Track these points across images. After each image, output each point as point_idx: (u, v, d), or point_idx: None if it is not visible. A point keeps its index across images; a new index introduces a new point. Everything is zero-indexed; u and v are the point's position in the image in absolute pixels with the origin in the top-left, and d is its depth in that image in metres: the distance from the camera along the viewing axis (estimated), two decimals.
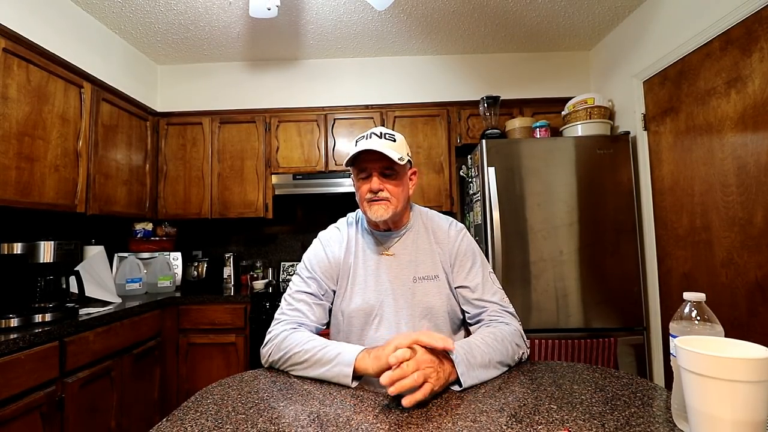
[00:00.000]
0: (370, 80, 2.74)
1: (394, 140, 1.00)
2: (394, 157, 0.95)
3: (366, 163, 1.00)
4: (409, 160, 1.03)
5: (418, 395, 0.69)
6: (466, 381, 0.78)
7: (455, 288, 1.05)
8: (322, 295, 1.05)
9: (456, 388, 0.78)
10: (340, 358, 0.82)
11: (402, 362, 0.72)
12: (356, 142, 1.02)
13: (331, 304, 1.08)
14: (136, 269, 2.41)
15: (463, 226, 1.13)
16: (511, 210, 2.11)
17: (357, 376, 0.81)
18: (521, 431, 0.62)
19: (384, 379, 0.70)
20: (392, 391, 0.69)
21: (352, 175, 1.08)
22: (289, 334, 0.93)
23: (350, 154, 1.00)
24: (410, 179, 1.07)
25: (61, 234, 2.19)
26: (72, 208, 1.97)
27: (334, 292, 1.07)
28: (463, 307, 1.05)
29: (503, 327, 0.95)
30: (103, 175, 2.19)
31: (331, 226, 1.15)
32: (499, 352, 0.87)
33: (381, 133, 1.00)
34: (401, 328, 1.00)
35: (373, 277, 1.04)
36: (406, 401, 0.69)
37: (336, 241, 1.09)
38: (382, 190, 0.99)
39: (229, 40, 2.48)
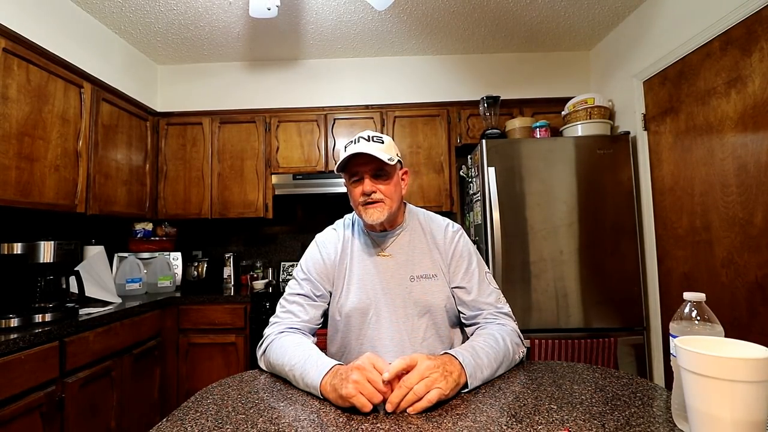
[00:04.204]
0: (370, 80, 2.74)
1: (382, 142, 1.00)
2: (384, 158, 0.96)
3: (357, 167, 1.01)
4: (399, 160, 1.04)
5: (423, 403, 0.69)
6: (473, 383, 0.78)
7: (452, 288, 1.05)
8: (317, 296, 1.05)
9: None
10: (308, 380, 0.79)
11: (400, 375, 0.72)
12: (345, 147, 1.02)
13: (328, 305, 1.08)
14: (136, 269, 2.41)
15: (460, 226, 1.13)
16: (511, 210, 2.11)
17: None
18: (521, 431, 0.62)
19: (389, 407, 0.70)
20: (392, 410, 0.69)
21: (345, 181, 1.08)
22: (277, 339, 0.94)
23: (340, 160, 1.00)
24: (402, 179, 1.08)
25: (61, 234, 2.19)
26: (72, 208, 1.97)
27: (331, 293, 1.08)
28: (459, 308, 1.06)
29: (500, 328, 0.96)
30: (103, 175, 2.19)
31: (328, 228, 1.16)
32: (502, 352, 0.88)
33: (369, 136, 1.01)
34: (400, 327, 1.00)
35: (369, 277, 1.05)
36: (411, 410, 0.69)
37: (332, 243, 1.10)
38: (374, 192, 1.00)
39: (229, 40, 2.48)
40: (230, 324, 2.28)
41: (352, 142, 1.02)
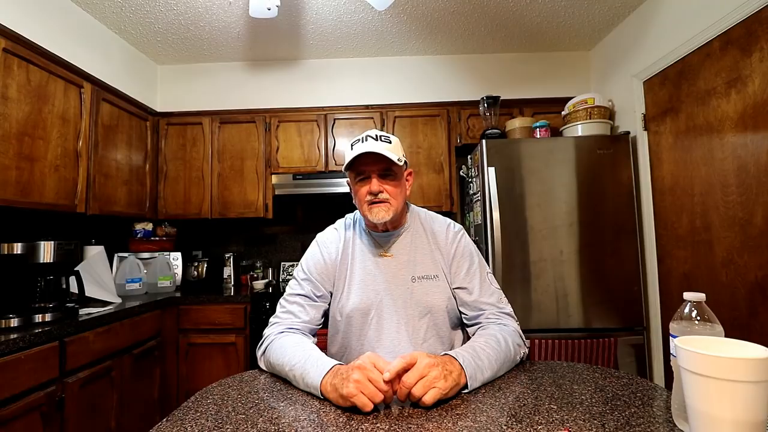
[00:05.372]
0: (370, 80, 2.74)
1: (390, 142, 1.00)
2: (393, 158, 0.96)
3: (364, 165, 1.00)
4: (405, 161, 1.04)
5: (424, 401, 0.70)
6: (473, 384, 0.78)
7: (453, 288, 1.05)
8: (318, 297, 1.05)
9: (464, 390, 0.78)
10: (308, 380, 0.79)
11: (401, 374, 0.72)
12: (352, 145, 1.01)
13: (328, 305, 1.08)
14: (136, 269, 2.41)
15: (462, 227, 1.13)
16: (511, 210, 2.11)
17: None
18: (521, 431, 0.62)
19: (395, 407, 0.71)
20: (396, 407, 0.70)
21: (348, 179, 1.08)
22: (276, 339, 0.94)
23: (347, 158, 0.99)
24: (407, 180, 1.08)
25: (61, 234, 2.19)
26: (72, 208, 1.97)
27: (332, 294, 1.08)
28: (461, 309, 1.05)
29: (502, 328, 0.95)
30: (103, 175, 2.19)
31: (329, 228, 1.16)
32: (503, 353, 0.87)
33: (376, 135, 1.00)
34: (400, 328, 1.00)
35: (370, 277, 1.04)
36: (426, 399, 0.70)
37: (333, 243, 1.10)
38: (381, 192, 0.99)
39: (229, 40, 2.48)
40: (230, 324, 2.28)
41: (359, 140, 1.00)
